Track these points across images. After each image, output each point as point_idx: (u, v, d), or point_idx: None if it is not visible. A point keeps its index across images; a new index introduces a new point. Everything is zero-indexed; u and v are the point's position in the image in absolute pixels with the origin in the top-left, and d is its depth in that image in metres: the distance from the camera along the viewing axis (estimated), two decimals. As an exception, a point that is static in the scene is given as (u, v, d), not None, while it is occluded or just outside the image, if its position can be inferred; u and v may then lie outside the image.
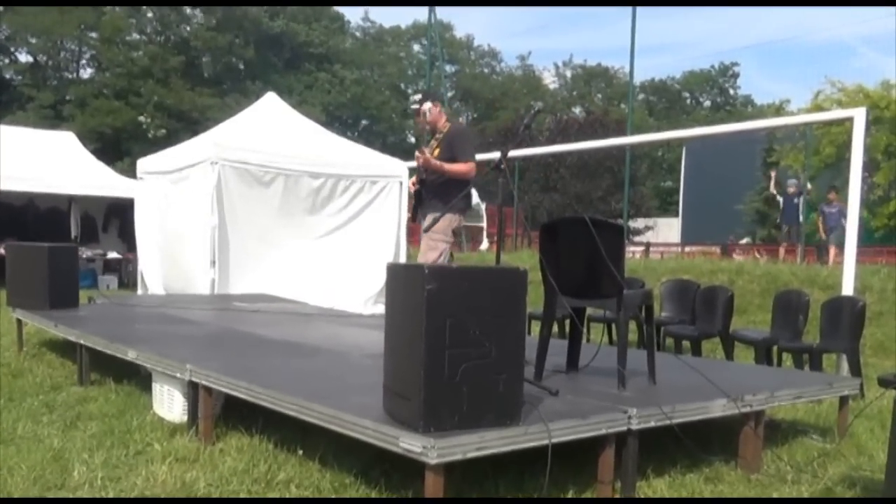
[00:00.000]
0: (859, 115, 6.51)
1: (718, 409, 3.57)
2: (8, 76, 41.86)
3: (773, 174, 16.64)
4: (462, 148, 5.29)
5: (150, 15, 43.66)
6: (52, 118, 35.31)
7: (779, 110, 28.62)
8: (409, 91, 47.19)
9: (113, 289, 14.04)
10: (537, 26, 70.41)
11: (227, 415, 4.05)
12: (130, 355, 4.62)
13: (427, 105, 5.50)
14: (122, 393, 4.90)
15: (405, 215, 9.64)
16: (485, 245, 20.56)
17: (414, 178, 5.64)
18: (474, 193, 20.86)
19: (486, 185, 17.33)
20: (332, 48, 47.63)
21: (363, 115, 49.25)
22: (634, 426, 3.19)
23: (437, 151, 5.35)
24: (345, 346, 5.18)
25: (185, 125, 33.27)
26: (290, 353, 4.71)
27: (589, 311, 5.12)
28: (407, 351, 2.79)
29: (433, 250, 5.23)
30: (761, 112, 38.58)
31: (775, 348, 6.19)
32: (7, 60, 42.45)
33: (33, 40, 40.75)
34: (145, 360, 4.49)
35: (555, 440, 2.90)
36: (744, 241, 24.88)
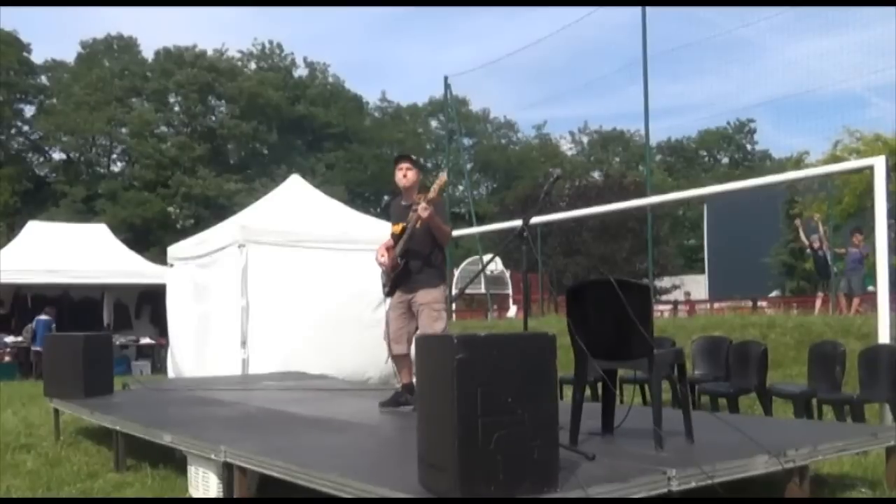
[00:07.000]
0: (879, 164, 6.51)
1: (761, 465, 3.49)
2: (42, 174, 43.37)
3: (797, 223, 16.42)
4: (444, 215, 5.25)
5: (176, 109, 45.28)
6: (85, 212, 36.29)
7: (798, 163, 28.56)
8: (430, 165, 47.82)
9: (146, 374, 14.15)
10: (552, 96, 71.99)
11: (263, 494, 4.03)
12: (166, 439, 4.64)
13: (419, 174, 5.35)
14: (157, 478, 4.90)
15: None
16: (512, 312, 20.51)
17: (387, 252, 5.28)
18: (498, 261, 20.99)
19: (510, 252, 17.43)
20: (350, 128, 48.82)
21: (384, 190, 50.04)
22: (675, 487, 3.13)
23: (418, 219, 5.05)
24: (377, 419, 5.16)
25: (213, 212, 33.99)
26: (322, 430, 4.70)
27: (620, 372, 5.08)
28: (439, 421, 2.79)
29: (439, 320, 5.08)
30: (781, 166, 38.51)
31: (814, 401, 6.05)
32: (41, 159, 44.10)
33: (66, 138, 42.30)
34: (180, 444, 4.51)
35: (594, 505, 2.85)
36: (773, 294, 24.45)
